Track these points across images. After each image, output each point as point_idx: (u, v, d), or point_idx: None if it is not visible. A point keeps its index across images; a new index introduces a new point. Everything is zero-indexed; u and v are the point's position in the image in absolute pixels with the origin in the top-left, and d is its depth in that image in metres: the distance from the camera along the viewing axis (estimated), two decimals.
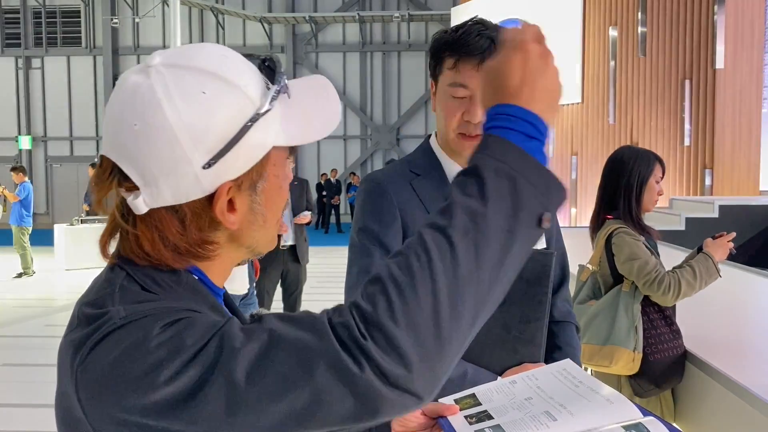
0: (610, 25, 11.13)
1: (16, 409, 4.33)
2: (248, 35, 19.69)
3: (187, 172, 0.69)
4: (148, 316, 0.66)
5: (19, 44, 20.04)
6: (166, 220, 0.72)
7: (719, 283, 2.41)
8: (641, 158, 2.45)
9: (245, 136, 0.70)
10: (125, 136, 0.69)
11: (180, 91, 0.69)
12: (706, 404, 2.29)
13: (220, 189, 0.71)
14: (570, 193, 11.91)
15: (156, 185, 0.70)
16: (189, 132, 0.68)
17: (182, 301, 0.71)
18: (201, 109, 0.69)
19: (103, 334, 0.66)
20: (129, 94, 0.70)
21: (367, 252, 1.40)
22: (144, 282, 0.72)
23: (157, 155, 0.68)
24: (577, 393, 0.92)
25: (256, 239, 0.79)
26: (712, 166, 9.22)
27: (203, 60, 0.71)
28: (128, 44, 19.89)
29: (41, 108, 20.15)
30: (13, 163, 18.46)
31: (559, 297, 1.54)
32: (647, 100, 10.35)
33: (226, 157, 0.70)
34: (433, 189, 1.43)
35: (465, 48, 1.33)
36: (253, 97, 0.72)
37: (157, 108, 0.68)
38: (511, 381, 1.02)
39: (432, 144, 1.50)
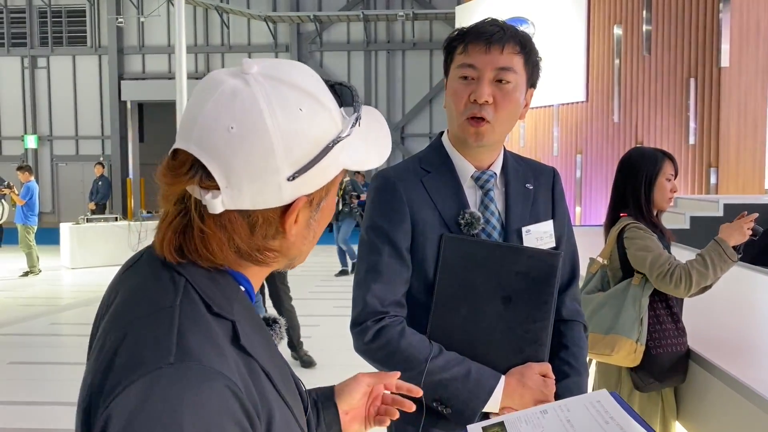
0: (614, 24, 11.10)
1: (22, 407, 4.36)
2: (253, 34, 19.70)
3: (272, 181, 0.72)
4: (188, 388, 0.65)
5: (25, 44, 20.09)
6: (236, 223, 0.74)
7: (724, 282, 2.41)
8: (647, 159, 2.47)
9: (327, 155, 0.74)
10: (219, 136, 0.70)
11: (281, 103, 0.72)
12: (710, 403, 2.29)
13: (297, 202, 0.75)
14: (574, 191, 11.90)
15: (239, 188, 0.71)
16: (284, 143, 0.71)
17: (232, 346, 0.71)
18: (297, 125, 0.72)
19: (142, 375, 0.65)
20: (227, 96, 0.71)
21: (376, 250, 1.41)
22: (205, 294, 0.73)
23: (249, 160, 0.70)
24: (604, 430, 0.89)
25: (301, 252, 0.83)
26: (717, 164, 9.19)
27: (299, 78, 0.75)
28: (133, 44, 19.92)
29: (47, 107, 20.21)
30: (20, 162, 18.54)
31: (567, 296, 1.53)
32: (652, 99, 10.32)
33: (309, 173, 0.73)
34: (443, 186, 1.44)
35: (473, 32, 1.39)
36: (337, 121, 0.77)
37: (258, 116, 0.70)
38: (543, 411, 0.99)
39: (444, 141, 1.51)
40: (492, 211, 1.45)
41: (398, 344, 1.36)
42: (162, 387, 0.64)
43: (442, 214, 1.41)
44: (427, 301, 1.41)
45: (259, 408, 0.71)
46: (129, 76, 19.90)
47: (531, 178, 1.52)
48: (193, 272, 0.75)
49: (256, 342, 0.76)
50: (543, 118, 12.58)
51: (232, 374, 0.68)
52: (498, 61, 1.36)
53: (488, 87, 1.36)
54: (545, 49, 12.94)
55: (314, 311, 7.09)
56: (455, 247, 1.40)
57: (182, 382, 0.65)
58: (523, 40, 1.40)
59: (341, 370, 2.03)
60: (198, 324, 0.70)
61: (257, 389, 0.71)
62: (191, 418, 0.63)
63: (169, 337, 0.68)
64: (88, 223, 10.80)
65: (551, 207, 1.52)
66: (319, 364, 5.21)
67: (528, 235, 1.45)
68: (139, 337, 0.69)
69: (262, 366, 0.74)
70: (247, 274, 0.80)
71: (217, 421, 0.64)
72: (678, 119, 9.84)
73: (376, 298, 1.38)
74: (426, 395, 1.35)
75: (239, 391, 0.67)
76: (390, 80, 19.63)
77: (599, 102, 11.42)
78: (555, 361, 1.47)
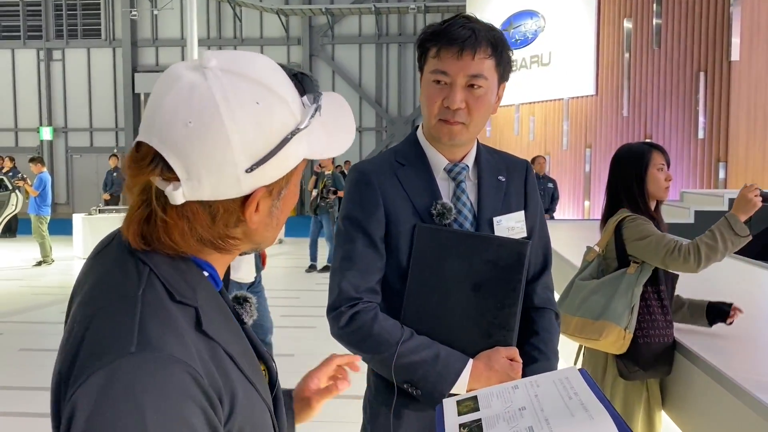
0: (624, 17, 11.05)
1: (33, 392, 4.47)
2: (265, 27, 19.78)
3: (230, 174, 0.74)
4: (147, 378, 0.68)
5: (40, 36, 20.30)
6: (197, 213, 0.77)
7: (723, 276, 2.42)
8: (632, 155, 2.52)
9: (285, 147, 0.77)
10: (177, 130, 0.73)
11: (237, 98, 0.73)
12: (694, 394, 2.33)
13: (255, 192, 0.78)
14: (583, 185, 11.89)
15: (198, 180, 0.74)
16: (241, 137, 0.73)
17: (192, 334, 0.74)
18: (254, 119, 0.74)
19: (101, 367, 0.68)
20: (186, 91, 0.73)
21: (351, 239, 1.48)
22: (168, 283, 0.76)
23: (206, 154, 0.73)
24: (566, 406, 0.92)
25: (266, 238, 0.86)
26: (726, 159, 9.17)
27: (257, 71, 0.77)
28: (147, 36, 20.07)
29: (62, 99, 20.43)
30: (35, 153, 18.76)
31: (539, 284, 1.59)
32: (661, 93, 10.28)
33: (266, 165, 0.76)
34: (417, 178, 1.50)
35: (447, 37, 1.40)
36: (296, 113, 0.79)
37: (215, 110, 0.72)
38: (514, 386, 1.03)
39: (418, 135, 1.57)
40: (464, 202, 1.51)
41: (371, 328, 1.42)
42: (124, 375, 0.67)
43: (416, 205, 1.47)
44: (401, 288, 1.47)
45: (222, 390, 0.74)
46: (143, 69, 20.06)
47: (504, 170, 1.57)
48: (157, 261, 0.78)
49: (219, 326, 0.79)
50: (553, 112, 12.56)
51: (193, 361, 0.71)
52: (469, 68, 1.40)
53: (460, 93, 1.41)
54: (555, 43, 12.85)
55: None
56: (427, 236, 1.46)
57: (143, 369, 0.67)
58: (494, 41, 1.42)
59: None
60: (159, 313, 0.73)
61: (219, 372, 0.75)
62: (153, 403, 0.66)
63: (131, 327, 0.70)
64: (100, 214, 10.94)
65: (523, 198, 1.58)
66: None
67: (499, 225, 1.51)
68: (103, 327, 0.72)
69: (225, 349, 0.78)
70: (210, 260, 0.83)
71: (179, 405, 0.68)
72: (687, 113, 9.80)
73: (351, 285, 1.45)
74: (397, 377, 1.42)
75: (199, 377, 0.70)
76: (401, 73, 19.63)
77: (609, 96, 11.38)
78: (525, 347, 1.51)
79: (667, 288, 2.47)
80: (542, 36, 12.64)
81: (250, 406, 0.79)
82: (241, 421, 0.77)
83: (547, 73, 12.52)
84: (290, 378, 1.16)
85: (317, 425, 1.67)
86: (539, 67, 12.64)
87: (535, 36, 12.77)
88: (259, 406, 0.82)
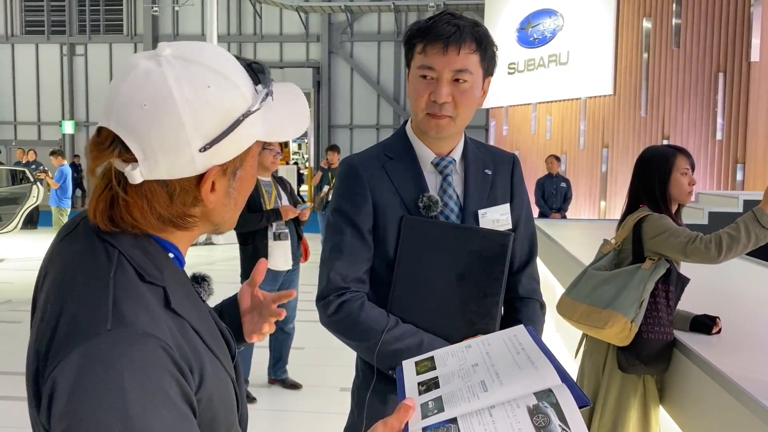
0: (644, 17, 10.97)
1: None
2: (285, 24, 19.88)
3: (185, 153, 0.79)
4: (125, 352, 0.72)
5: (64, 31, 20.59)
6: (156, 192, 0.81)
7: (731, 277, 2.42)
8: (657, 158, 2.54)
9: (237, 128, 0.82)
10: (133, 113, 0.78)
11: (189, 82, 0.79)
12: (691, 391, 2.35)
13: (209, 171, 0.82)
14: (599, 185, 11.83)
15: (155, 160, 0.78)
16: (193, 118, 0.78)
17: (161, 312, 0.79)
18: (205, 100, 0.79)
19: (79, 343, 0.72)
20: (141, 77, 0.79)
21: (339, 230, 1.53)
22: (137, 264, 0.81)
23: (161, 134, 0.77)
24: (514, 361, 0.97)
25: (225, 219, 0.91)
26: (744, 160, 9.08)
27: (208, 58, 0.82)
28: (168, 32, 20.26)
29: (84, 93, 20.70)
30: (57, 147, 19.04)
31: (524, 275, 1.63)
32: (680, 93, 10.20)
33: (220, 144, 0.81)
34: (404, 171, 1.55)
35: (432, 33, 1.45)
36: (247, 96, 0.84)
37: (168, 93, 0.78)
38: (467, 345, 1.08)
39: (407, 130, 1.61)
40: (450, 194, 1.55)
41: (357, 317, 1.48)
42: (102, 350, 0.71)
43: (403, 198, 1.52)
44: (388, 278, 1.53)
45: (192, 363, 0.79)
46: None
47: (491, 164, 1.62)
48: (126, 244, 0.82)
49: (185, 304, 0.84)
50: (570, 111, 12.51)
51: (164, 335, 0.76)
52: (455, 63, 1.44)
53: (446, 87, 1.45)
54: (574, 42, 12.78)
55: None
56: (414, 228, 1.51)
57: (120, 345, 0.72)
58: (479, 37, 1.46)
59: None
60: (131, 293, 0.77)
61: (189, 346, 0.80)
62: (131, 375, 0.71)
63: (106, 306, 0.75)
64: None
65: (510, 191, 1.62)
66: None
67: (484, 217, 1.55)
68: (78, 307, 0.76)
69: (192, 325, 0.83)
70: (173, 240, 0.88)
71: (156, 377, 0.72)
72: (705, 114, 9.72)
73: (339, 274, 1.50)
74: (383, 364, 1.48)
75: (171, 350, 0.75)
76: None
77: (627, 96, 11.32)
78: None
79: (676, 290, 2.49)
80: (561, 35, 12.59)
81: (216, 377, 0.84)
82: (209, 391, 0.82)
83: (565, 72, 12.47)
84: (302, 371, 1.19)
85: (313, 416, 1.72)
86: (557, 66, 12.59)
87: (554, 35, 12.72)
88: (223, 377, 0.87)
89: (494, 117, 14.67)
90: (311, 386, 4.61)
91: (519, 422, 0.82)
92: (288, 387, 4.61)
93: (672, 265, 2.46)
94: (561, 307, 2.68)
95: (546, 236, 5.87)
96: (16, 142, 20.27)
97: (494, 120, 14.64)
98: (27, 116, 20.89)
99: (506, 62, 13.62)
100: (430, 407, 0.90)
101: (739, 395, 1.97)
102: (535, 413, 0.82)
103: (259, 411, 4.21)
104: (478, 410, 0.86)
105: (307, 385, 4.62)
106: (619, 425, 2.50)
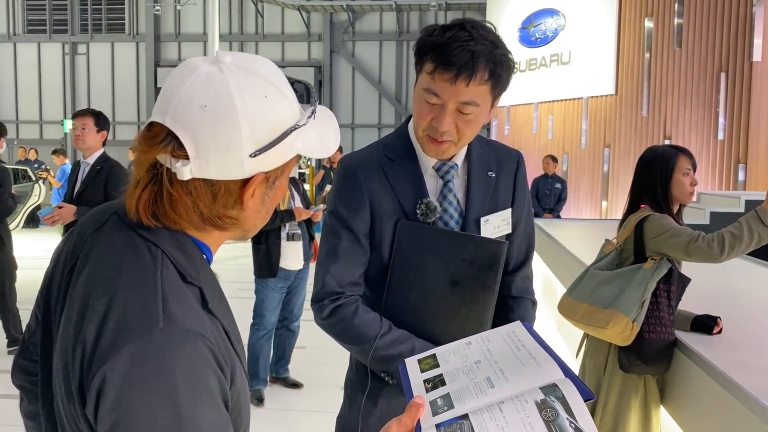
0: (645, 17, 10.96)
1: None
2: (286, 23, 19.87)
3: (236, 156, 0.82)
4: (180, 353, 0.75)
5: (66, 30, 20.59)
6: (201, 190, 0.84)
7: (732, 277, 2.42)
8: (659, 158, 2.54)
9: (285, 139, 0.85)
10: (192, 112, 0.81)
11: (249, 90, 0.83)
12: (692, 391, 2.35)
13: (255, 177, 0.86)
14: (601, 185, 11.82)
15: (206, 159, 0.82)
16: (249, 124, 0.82)
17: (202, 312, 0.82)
18: (262, 109, 0.83)
19: (132, 340, 0.75)
20: (203, 79, 0.82)
21: (336, 234, 1.53)
22: (179, 265, 0.83)
23: (217, 135, 0.81)
24: (516, 357, 0.98)
25: (255, 225, 0.94)
26: (745, 161, 9.07)
27: (266, 71, 0.87)
28: (170, 31, 20.26)
29: (86, 92, 20.70)
30: (59, 145, 19.06)
31: (518, 275, 1.64)
32: (682, 93, 10.19)
33: (268, 153, 0.84)
34: (404, 175, 1.51)
35: (445, 58, 1.34)
36: (296, 110, 0.89)
37: (230, 98, 0.81)
38: (467, 342, 1.08)
39: (409, 129, 1.56)
40: (450, 200, 1.53)
41: (351, 321, 1.49)
42: (154, 347, 0.74)
43: (402, 202, 1.51)
44: (383, 281, 1.53)
45: (227, 363, 0.82)
46: (165, 63, 20.26)
47: (494, 165, 1.59)
48: (167, 244, 0.85)
49: (218, 305, 0.87)
50: (572, 111, 12.50)
51: (209, 334, 0.79)
52: (462, 95, 1.36)
53: (450, 117, 1.39)
54: (575, 42, 12.77)
55: None
56: (409, 233, 1.51)
57: (171, 342, 0.75)
58: (494, 64, 1.36)
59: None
60: (178, 292, 0.81)
61: (224, 345, 0.83)
62: (182, 373, 0.74)
63: (156, 306, 0.77)
64: None
65: (512, 192, 1.60)
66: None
67: (486, 224, 1.54)
68: (128, 306, 0.77)
69: (224, 326, 0.85)
70: (208, 242, 0.91)
71: (203, 374, 0.76)
72: (707, 114, 9.71)
73: (334, 278, 1.51)
74: (376, 368, 1.50)
75: (215, 348, 0.79)
76: None
77: (628, 96, 11.31)
78: None
79: (677, 290, 2.49)
80: (562, 35, 12.58)
81: (241, 378, 0.86)
82: (237, 391, 0.84)
83: (566, 72, 12.46)
84: (303, 370, 1.19)
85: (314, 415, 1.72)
86: (559, 66, 12.58)
87: (556, 34, 12.71)
88: (245, 382, 0.89)
89: (496, 116, 14.66)
90: (312, 385, 4.61)
91: (528, 416, 0.83)
92: (289, 386, 4.61)
93: (673, 265, 2.46)
94: (562, 306, 2.69)
95: (547, 236, 5.87)
96: (18, 140, 20.29)
97: (496, 119, 14.64)
98: (29, 115, 20.90)
99: None
100: (439, 404, 0.91)
101: (740, 395, 1.97)
102: (543, 407, 0.84)
103: (260, 410, 4.22)
104: (488, 406, 0.87)
105: (308, 384, 4.62)
106: (620, 425, 2.50)
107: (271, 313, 4.34)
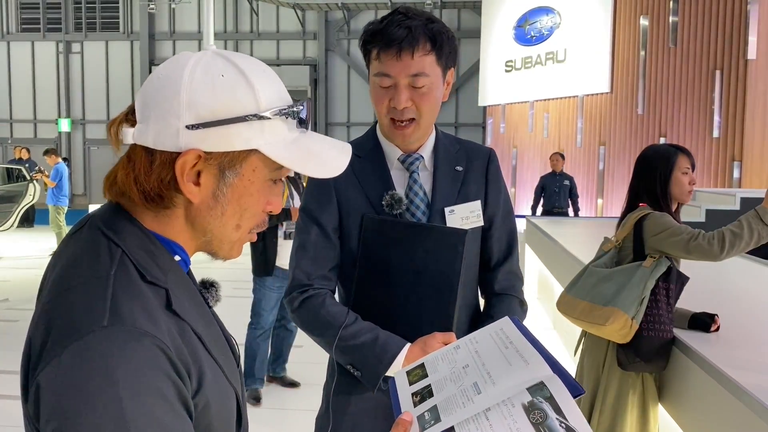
0: (641, 14, 10.98)
1: None
2: (281, 21, 19.84)
3: (172, 124, 0.81)
4: (118, 351, 0.71)
5: (60, 29, 20.52)
6: (141, 157, 0.83)
7: (729, 275, 2.43)
8: (659, 157, 2.55)
9: (235, 125, 0.81)
10: (151, 82, 0.84)
11: (205, 66, 0.82)
12: (690, 389, 2.35)
13: (189, 151, 0.81)
14: (596, 183, 11.85)
15: (147, 124, 0.82)
16: (190, 95, 0.80)
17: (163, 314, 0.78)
18: (211, 85, 0.81)
19: (75, 340, 0.71)
20: (175, 58, 0.85)
21: (305, 230, 1.57)
22: (139, 264, 0.80)
23: (158, 100, 0.81)
24: (504, 356, 0.97)
25: (211, 229, 0.87)
26: (741, 158, 9.09)
27: (242, 60, 0.85)
28: (164, 30, 20.21)
29: (80, 91, 20.64)
30: (53, 145, 19.00)
31: (501, 271, 1.64)
32: (677, 91, 10.21)
33: (209, 131, 0.81)
34: (371, 169, 1.56)
35: (384, 39, 1.42)
36: (260, 102, 0.83)
37: (181, 69, 0.82)
38: (455, 346, 1.07)
39: (376, 128, 1.62)
40: (416, 191, 1.56)
41: (318, 312, 1.52)
42: (94, 346, 0.70)
43: (369, 196, 1.55)
44: (352, 275, 1.56)
45: (190, 367, 0.78)
46: (160, 62, 20.10)
47: (463, 160, 1.61)
48: (131, 244, 0.82)
49: (188, 307, 0.84)
50: (567, 109, 12.52)
51: (162, 335, 0.75)
52: (410, 68, 1.42)
53: (405, 93, 1.44)
54: (571, 40, 12.81)
55: None
56: (374, 226, 1.53)
57: (113, 341, 0.71)
58: (433, 35, 1.43)
59: None
60: (131, 291, 0.76)
61: (189, 349, 0.79)
62: (124, 371, 0.70)
63: (103, 303, 0.74)
64: None
65: (484, 187, 1.61)
66: None
67: (452, 214, 1.56)
68: (76, 304, 0.75)
69: (194, 329, 0.82)
70: (173, 236, 0.86)
71: (149, 373, 0.71)
72: (703, 112, 9.73)
73: (303, 272, 1.55)
74: (341, 359, 1.51)
75: (168, 349, 0.74)
76: None
77: (624, 94, 11.33)
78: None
79: (676, 288, 2.50)
80: (558, 33, 12.61)
81: (217, 387, 0.83)
82: (207, 397, 0.81)
83: (562, 70, 12.49)
84: (299, 368, 1.19)
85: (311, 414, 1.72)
86: (554, 64, 12.60)
87: (551, 33, 12.73)
88: (225, 390, 0.86)
89: (491, 115, 14.68)
90: (309, 384, 4.61)
91: (516, 422, 0.82)
92: (286, 385, 4.61)
93: (672, 264, 2.46)
94: (561, 304, 2.69)
95: (544, 234, 5.87)
96: (12, 140, 20.22)
97: (491, 118, 14.65)
98: (23, 114, 20.82)
99: (503, 60, 13.61)
100: (426, 418, 0.90)
101: (738, 393, 1.98)
102: (531, 410, 0.82)
103: (257, 409, 4.21)
104: (474, 415, 0.86)
105: (306, 383, 4.61)
106: (618, 423, 2.50)
107: (268, 313, 4.33)
